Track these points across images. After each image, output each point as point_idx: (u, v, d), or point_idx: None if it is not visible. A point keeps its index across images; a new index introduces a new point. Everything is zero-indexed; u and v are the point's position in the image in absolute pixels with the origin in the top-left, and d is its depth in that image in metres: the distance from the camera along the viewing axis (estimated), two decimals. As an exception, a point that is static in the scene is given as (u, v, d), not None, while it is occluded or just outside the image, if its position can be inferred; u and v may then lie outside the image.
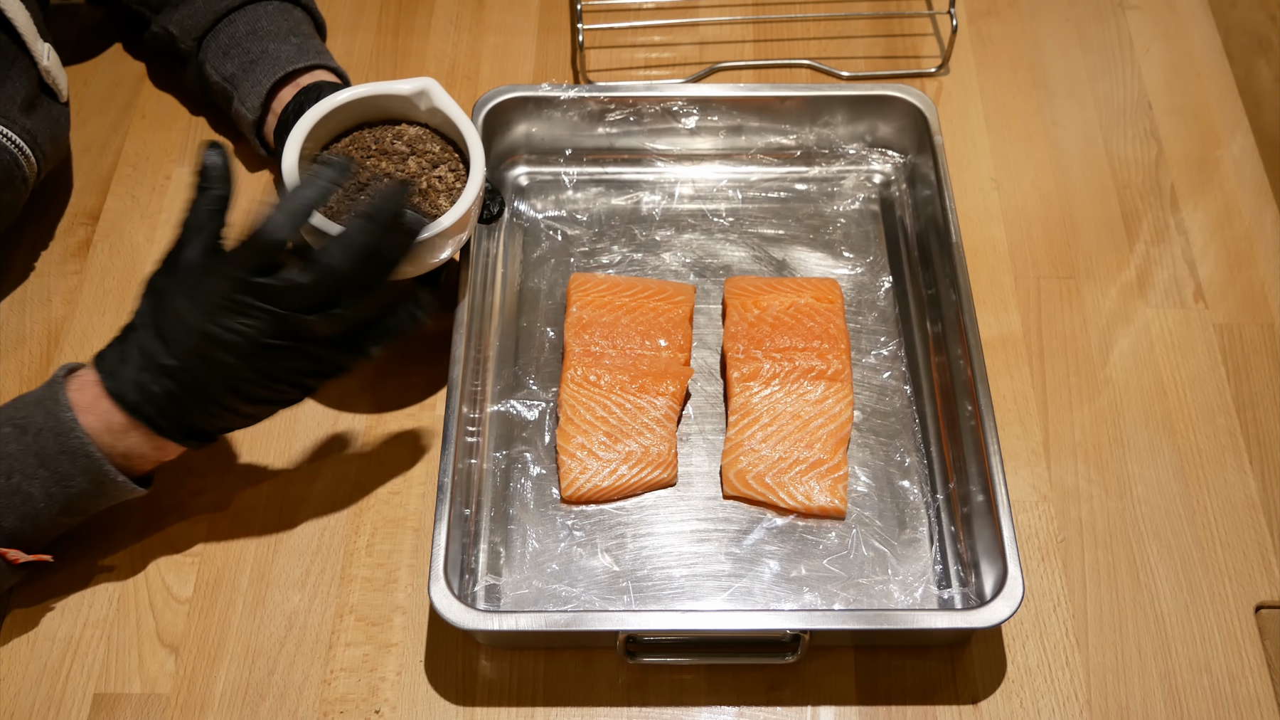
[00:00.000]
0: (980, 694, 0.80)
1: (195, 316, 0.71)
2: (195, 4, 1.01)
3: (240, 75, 0.98)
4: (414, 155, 0.88)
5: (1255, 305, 0.98)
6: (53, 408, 0.74)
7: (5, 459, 0.74)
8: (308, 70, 0.97)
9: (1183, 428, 0.91)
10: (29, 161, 0.92)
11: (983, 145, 1.08)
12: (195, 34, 1.00)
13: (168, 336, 0.72)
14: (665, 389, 0.89)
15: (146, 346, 0.73)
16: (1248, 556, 0.85)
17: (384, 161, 0.87)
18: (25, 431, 0.74)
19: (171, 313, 0.72)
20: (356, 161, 0.86)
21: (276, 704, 0.79)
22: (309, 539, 0.86)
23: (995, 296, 0.98)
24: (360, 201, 0.85)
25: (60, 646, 0.81)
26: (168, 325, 0.72)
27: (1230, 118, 1.10)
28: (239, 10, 1.00)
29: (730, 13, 1.19)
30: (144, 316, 0.74)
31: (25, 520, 0.76)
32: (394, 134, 0.89)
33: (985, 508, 0.81)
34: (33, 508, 0.75)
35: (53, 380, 0.76)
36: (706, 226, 1.02)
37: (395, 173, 0.87)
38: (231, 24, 0.99)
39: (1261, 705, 0.79)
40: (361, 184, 0.85)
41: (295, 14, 1.02)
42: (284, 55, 0.97)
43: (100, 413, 0.74)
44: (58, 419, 0.74)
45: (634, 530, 0.86)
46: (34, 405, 0.75)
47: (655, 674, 0.81)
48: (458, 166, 0.88)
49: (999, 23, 1.17)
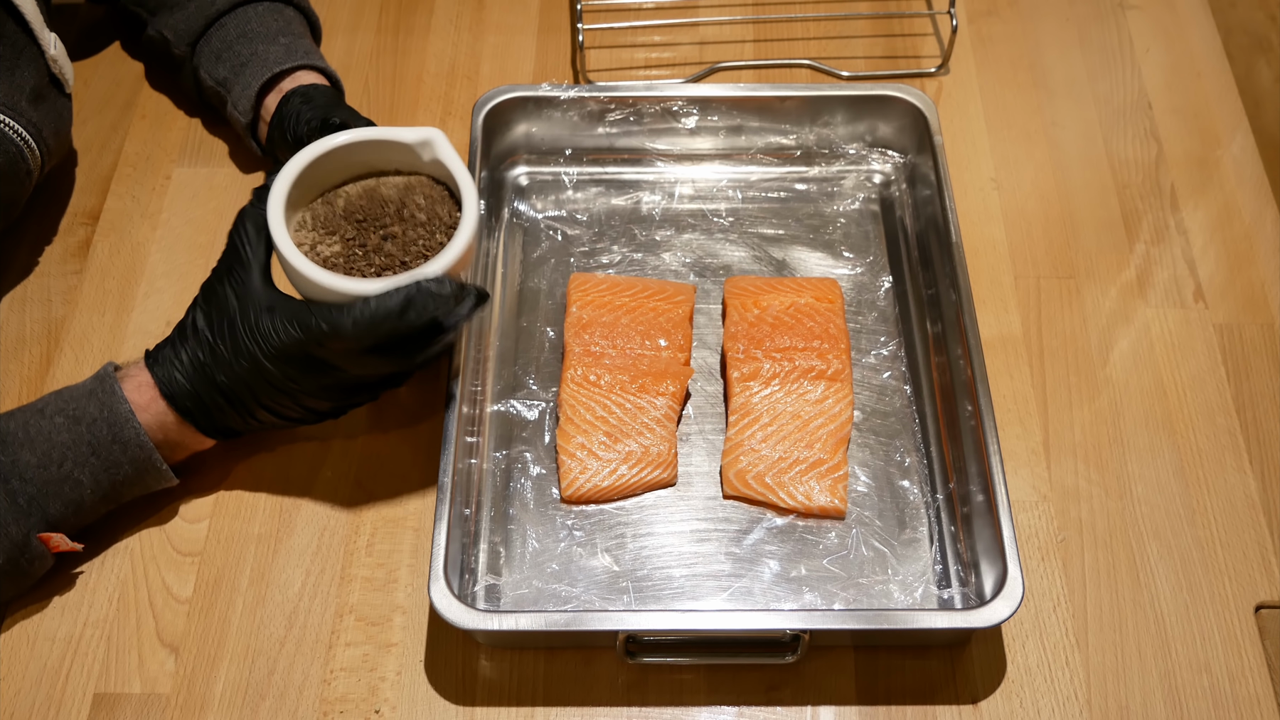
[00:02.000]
0: (980, 694, 0.80)
1: (254, 351, 0.77)
2: (188, 9, 1.01)
3: (232, 79, 0.98)
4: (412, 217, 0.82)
5: (1255, 305, 0.98)
6: (108, 400, 0.79)
7: (58, 448, 0.78)
8: (294, 71, 0.97)
9: (1183, 428, 0.91)
10: (34, 155, 0.92)
11: (983, 145, 1.08)
12: (188, 39, 1.01)
13: (223, 357, 0.78)
14: (665, 389, 0.89)
15: (202, 361, 0.79)
16: (1248, 556, 0.85)
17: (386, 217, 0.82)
18: (78, 422, 0.79)
19: (229, 336, 0.77)
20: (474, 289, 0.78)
21: (276, 704, 0.79)
22: (309, 539, 0.86)
23: (995, 296, 0.98)
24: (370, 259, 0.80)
25: (60, 646, 0.81)
26: (224, 345, 0.78)
27: (1230, 118, 1.10)
28: (229, 13, 1.00)
29: (730, 13, 1.19)
30: (200, 330, 0.79)
31: (70, 507, 0.80)
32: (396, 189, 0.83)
33: (985, 508, 0.81)
34: (80, 494, 0.79)
35: (103, 375, 0.81)
36: (706, 226, 1.02)
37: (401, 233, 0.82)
38: (223, 28, 1.00)
39: (1261, 705, 0.79)
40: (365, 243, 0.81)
41: (286, 13, 1.02)
42: (272, 56, 0.97)
43: (155, 412, 0.80)
44: (113, 410, 0.79)
45: (634, 530, 0.86)
46: (86, 398, 0.80)
47: (655, 674, 0.81)
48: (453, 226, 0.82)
49: (999, 23, 1.17)
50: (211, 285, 0.79)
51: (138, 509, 0.86)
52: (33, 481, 0.77)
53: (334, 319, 0.74)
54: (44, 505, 0.78)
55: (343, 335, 0.74)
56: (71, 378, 0.93)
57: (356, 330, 0.73)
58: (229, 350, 0.77)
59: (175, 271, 0.99)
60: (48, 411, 0.79)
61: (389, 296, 0.74)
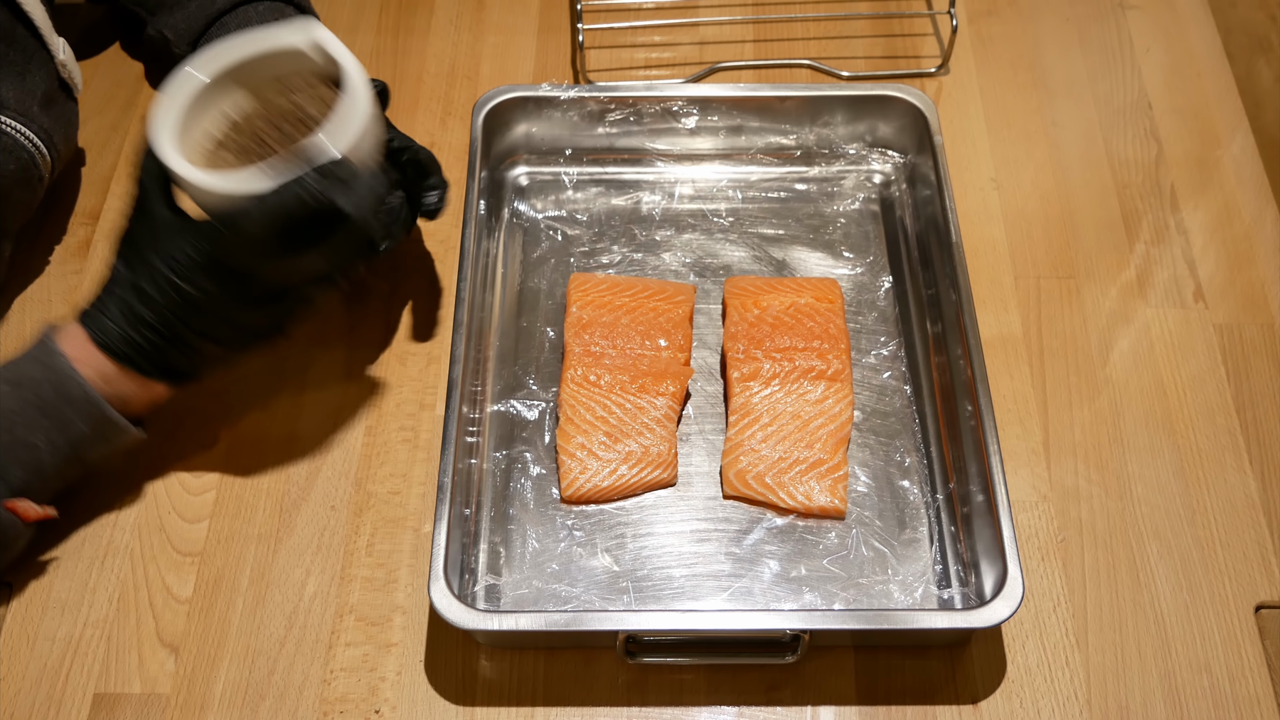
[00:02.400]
0: (980, 694, 0.80)
1: (169, 275, 0.76)
2: (189, 8, 1.01)
3: None
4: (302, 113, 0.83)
5: (1255, 305, 0.98)
6: (46, 359, 0.79)
7: (5, 415, 0.77)
8: None
9: (1183, 428, 0.91)
10: (44, 160, 0.92)
11: (983, 145, 1.08)
12: (189, 38, 1.01)
13: (146, 294, 0.77)
14: (665, 389, 0.89)
15: (128, 302, 0.78)
16: (1248, 556, 0.85)
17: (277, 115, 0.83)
18: (21, 385, 0.78)
19: (146, 270, 0.77)
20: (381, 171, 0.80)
21: (276, 704, 0.79)
22: (309, 539, 0.86)
23: (995, 296, 0.98)
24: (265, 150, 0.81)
25: (60, 646, 0.81)
26: (145, 282, 0.77)
27: (1230, 118, 1.10)
28: (230, 13, 1.00)
29: (730, 13, 1.19)
30: (121, 274, 0.79)
31: (31, 472, 0.78)
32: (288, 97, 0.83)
33: (985, 508, 0.81)
34: (37, 458, 0.78)
35: (40, 338, 0.80)
36: (706, 226, 1.02)
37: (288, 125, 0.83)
38: (223, 27, 0.99)
39: (1261, 705, 0.79)
40: (258, 149, 0.82)
41: (287, 12, 1.02)
42: None
43: (93, 363, 0.79)
44: (53, 369, 0.78)
45: (634, 530, 0.86)
46: (27, 362, 0.79)
47: (655, 674, 0.81)
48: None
49: (999, 23, 1.17)
50: (123, 228, 0.80)
51: (137, 509, 0.86)
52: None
53: (231, 218, 0.74)
54: (4, 475, 0.77)
55: (240, 230, 0.74)
56: (71, 378, 0.93)
57: (253, 223, 0.73)
58: (149, 284, 0.77)
59: (175, 271, 0.99)
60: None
61: (282, 186, 0.73)
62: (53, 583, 0.83)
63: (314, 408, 0.92)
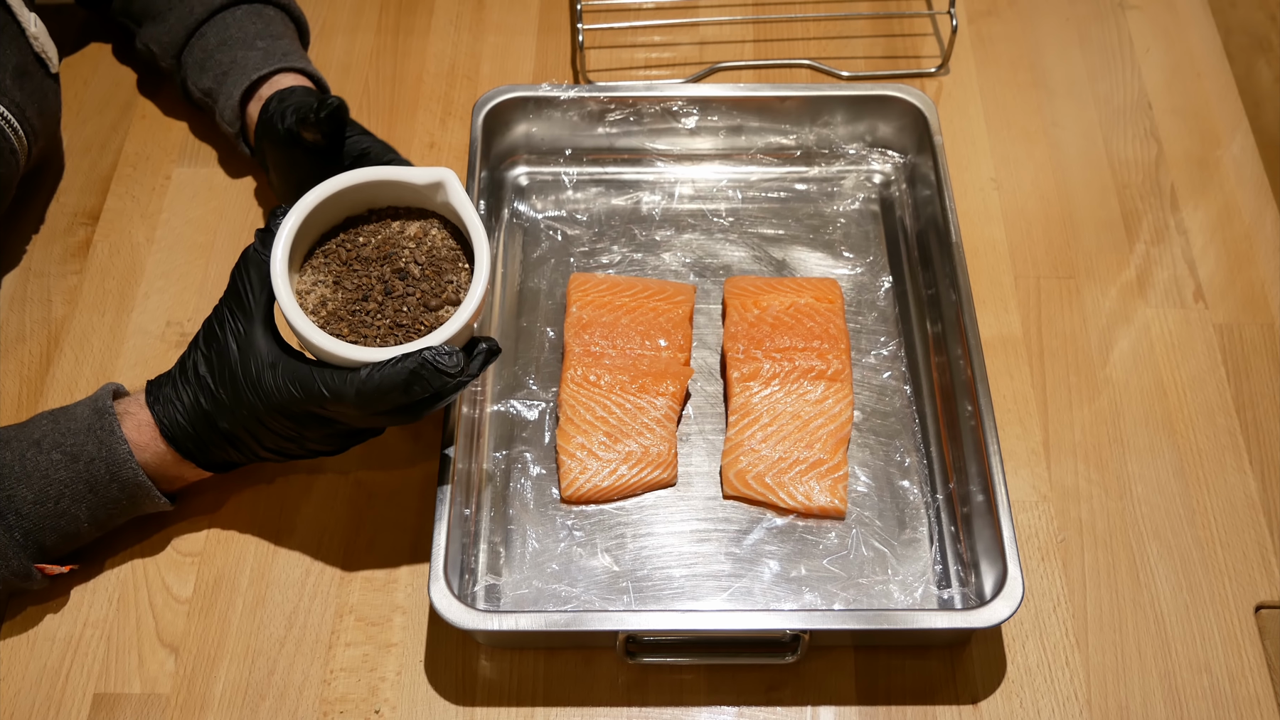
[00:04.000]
0: (980, 694, 0.80)
1: (255, 404, 0.74)
2: (169, 20, 1.00)
3: (216, 89, 0.97)
4: (421, 270, 0.79)
5: (1255, 305, 0.98)
6: (107, 439, 0.78)
7: (55, 484, 0.77)
8: (272, 75, 0.95)
9: (1183, 428, 0.91)
10: (18, 136, 0.92)
11: (983, 145, 1.08)
12: (173, 51, 1.00)
13: (224, 405, 0.76)
14: (665, 389, 0.89)
15: (204, 407, 0.77)
16: (1248, 556, 0.85)
17: (386, 269, 0.78)
18: (76, 460, 0.78)
19: (230, 386, 0.75)
20: (485, 346, 0.75)
21: (276, 704, 0.79)
22: (309, 539, 0.86)
23: (995, 296, 0.98)
24: (377, 316, 0.77)
25: (60, 646, 0.81)
26: (225, 393, 0.75)
27: (1230, 118, 1.10)
28: (208, 21, 0.98)
29: (730, 13, 1.19)
30: (202, 376, 0.77)
31: (67, 539, 0.80)
32: (405, 237, 0.79)
33: (985, 508, 0.81)
34: (76, 528, 0.79)
35: (101, 408, 0.79)
36: (706, 226, 1.02)
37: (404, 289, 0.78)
38: (203, 37, 0.98)
39: (1261, 705, 0.79)
40: (371, 295, 0.77)
41: (267, 14, 1.00)
42: (250, 63, 0.95)
43: (155, 451, 0.79)
44: (112, 451, 0.78)
45: (634, 530, 0.86)
46: (85, 434, 0.78)
47: (655, 674, 0.81)
48: (463, 277, 0.79)
49: (999, 23, 1.17)
50: (212, 329, 0.77)
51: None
52: (29, 517, 0.77)
53: (336, 386, 0.71)
54: (39, 539, 0.78)
55: (345, 402, 0.72)
56: (71, 378, 0.93)
57: (360, 400, 0.71)
58: (230, 399, 0.75)
59: (175, 272, 0.99)
60: (44, 445, 0.78)
61: (394, 368, 0.70)
62: (53, 583, 0.83)
63: (314, 408, 0.92)
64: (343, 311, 0.76)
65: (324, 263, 0.78)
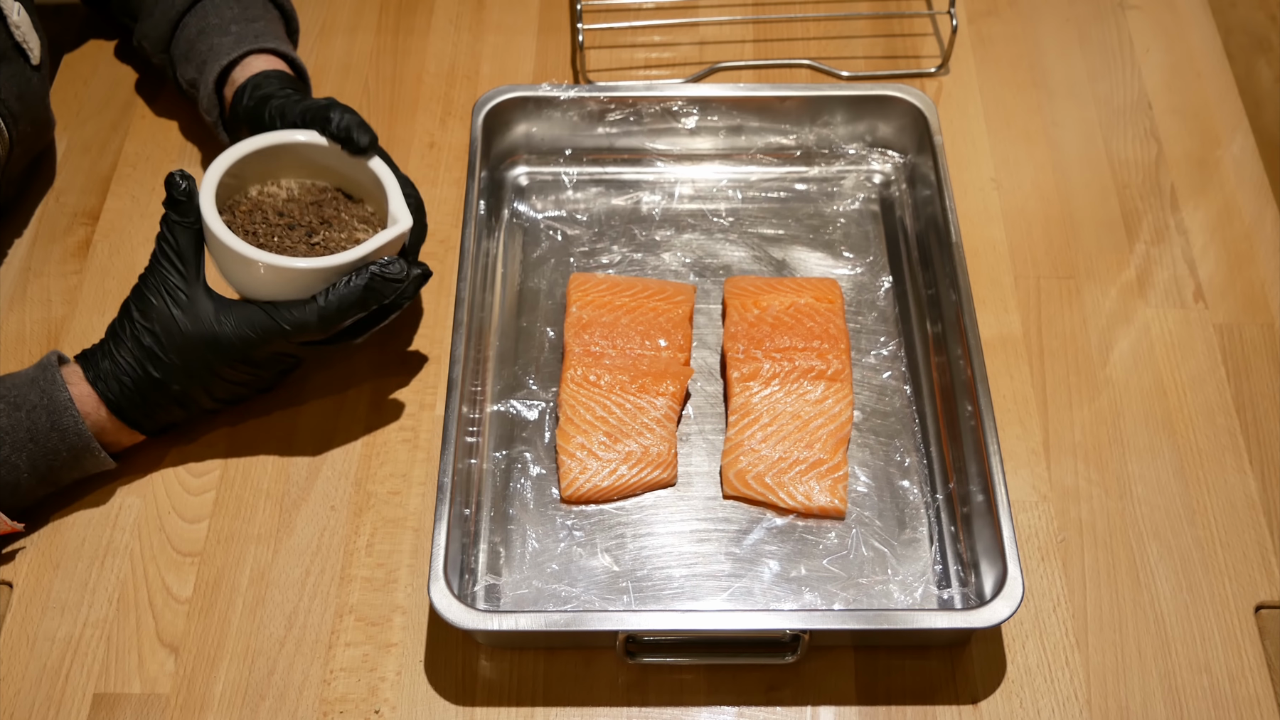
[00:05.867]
0: (980, 694, 0.80)
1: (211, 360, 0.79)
2: (155, 15, 0.99)
3: (198, 78, 0.96)
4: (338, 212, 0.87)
5: (1255, 305, 0.98)
6: (49, 388, 0.80)
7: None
8: (243, 58, 0.94)
9: (1183, 428, 0.91)
10: None
11: (983, 145, 1.08)
12: (161, 45, 1.00)
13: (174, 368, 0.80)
14: (665, 389, 0.89)
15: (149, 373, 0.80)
16: (1248, 556, 0.85)
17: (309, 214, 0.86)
18: (18, 409, 0.80)
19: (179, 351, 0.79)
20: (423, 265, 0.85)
21: (276, 704, 0.79)
22: (309, 539, 0.86)
23: (995, 296, 0.98)
24: (292, 239, 0.84)
25: (60, 646, 0.81)
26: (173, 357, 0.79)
27: (1230, 118, 1.10)
28: (189, 12, 0.98)
29: (730, 13, 1.19)
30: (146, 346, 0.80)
31: (5, 489, 0.80)
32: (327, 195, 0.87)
33: (985, 508, 0.81)
34: (16, 478, 0.80)
35: (46, 364, 0.81)
36: (706, 226, 1.02)
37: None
38: (185, 28, 0.98)
39: (1261, 705, 0.79)
40: (291, 224, 0.85)
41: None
42: (223, 49, 0.95)
43: (92, 408, 0.82)
44: (53, 399, 0.80)
45: (634, 530, 0.86)
46: (28, 385, 0.81)
47: (655, 674, 0.81)
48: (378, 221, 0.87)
49: (999, 23, 1.17)
50: (145, 297, 0.80)
51: (137, 509, 0.86)
52: None
53: (297, 318, 0.77)
54: None
55: (308, 330, 0.76)
56: (71, 378, 0.93)
57: (323, 323, 0.76)
58: (182, 361, 0.79)
59: (175, 271, 0.99)
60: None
61: (348, 287, 0.77)
62: (53, 583, 0.83)
63: (314, 408, 0.92)
64: (270, 245, 0.82)
65: (246, 211, 0.85)
